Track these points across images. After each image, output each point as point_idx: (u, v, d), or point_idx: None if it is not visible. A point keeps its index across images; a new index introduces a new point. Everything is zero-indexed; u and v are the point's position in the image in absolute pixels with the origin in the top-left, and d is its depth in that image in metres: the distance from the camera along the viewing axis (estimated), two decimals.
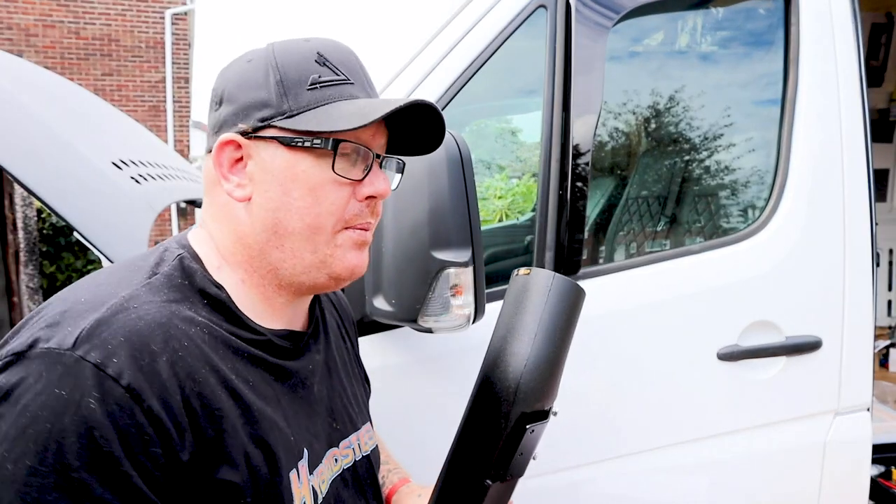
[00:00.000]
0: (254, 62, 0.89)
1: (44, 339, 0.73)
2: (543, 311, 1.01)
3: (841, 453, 1.85)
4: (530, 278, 1.02)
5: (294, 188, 0.87)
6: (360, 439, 1.08)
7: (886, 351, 3.87)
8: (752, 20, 1.98)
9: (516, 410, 0.99)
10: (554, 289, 1.01)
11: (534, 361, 0.99)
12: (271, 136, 0.87)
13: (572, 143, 1.65)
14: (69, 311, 0.76)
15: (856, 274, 1.82)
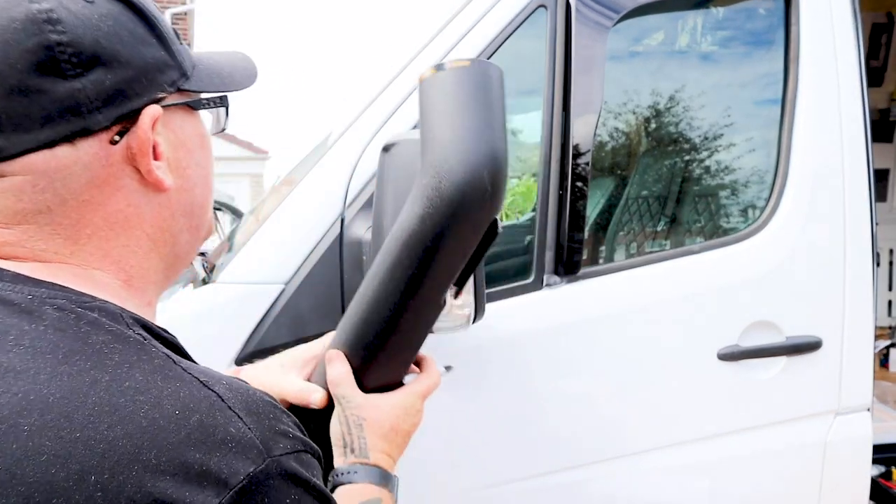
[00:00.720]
0: (98, 4, 0.65)
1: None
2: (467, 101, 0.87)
3: (841, 453, 1.85)
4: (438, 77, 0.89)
5: (203, 156, 0.76)
6: None
7: (887, 351, 3.87)
8: (752, 20, 1.98)
9: (493, 207, 0.87)
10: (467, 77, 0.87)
11: (489, 148, 0.85)
12: (181, 103, 0.73)
13: (572, 143, 1.65)
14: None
15: (856, 274, 1.82)
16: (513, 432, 1.65)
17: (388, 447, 0.93)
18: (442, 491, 1.64)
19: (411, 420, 0.96)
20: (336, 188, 1.55)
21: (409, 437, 0.97)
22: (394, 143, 1.39)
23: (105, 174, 0.66)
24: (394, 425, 0.94)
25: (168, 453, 0.53)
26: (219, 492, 0.53)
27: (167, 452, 0.53)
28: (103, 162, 0.66)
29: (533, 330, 1.65)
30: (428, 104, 0.90)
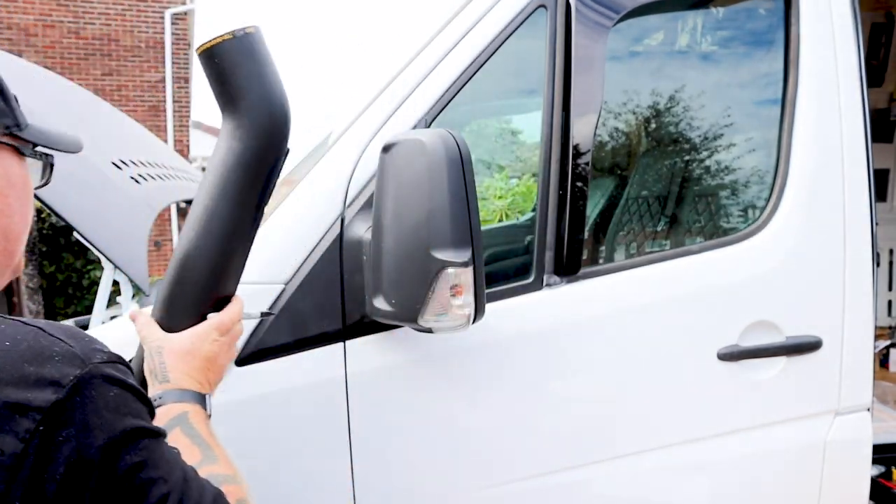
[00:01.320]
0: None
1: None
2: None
3: (841, 453, 1.85)
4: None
5: (24, 195, 0.88)
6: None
7: (887, 351, 3.87)
8: (752, 20, 1.98)
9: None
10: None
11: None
12: (10, 143, 0.86)
13: (572, 143, 1.65)
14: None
15: (856, 274, 1.82)
16: (513, 432, 1.65)
17: (188, 368, 1.09)
18: (442, 491, 1.64)
19: (208, 346, 1.11)
20: (336, 188, 1.56)
21: (212, 363, 1.12)
22: (394, 143, 1.39)
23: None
24: (190, 349, 1.10)
25: (9, 371, 0.70)
26: (55, 390, 0.71)
27: (8, 370, 0.70)
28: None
29: (533, 330, 1.65)
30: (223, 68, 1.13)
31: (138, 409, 0.79)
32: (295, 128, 1.32)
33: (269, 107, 1.14)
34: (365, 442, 1.56)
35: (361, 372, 1.54)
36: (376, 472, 1.58)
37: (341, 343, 1.53)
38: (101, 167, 1.96)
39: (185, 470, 0.83)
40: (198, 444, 1.02)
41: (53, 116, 2.06)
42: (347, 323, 1.53)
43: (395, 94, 1.61)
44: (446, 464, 1.63)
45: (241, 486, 0.99)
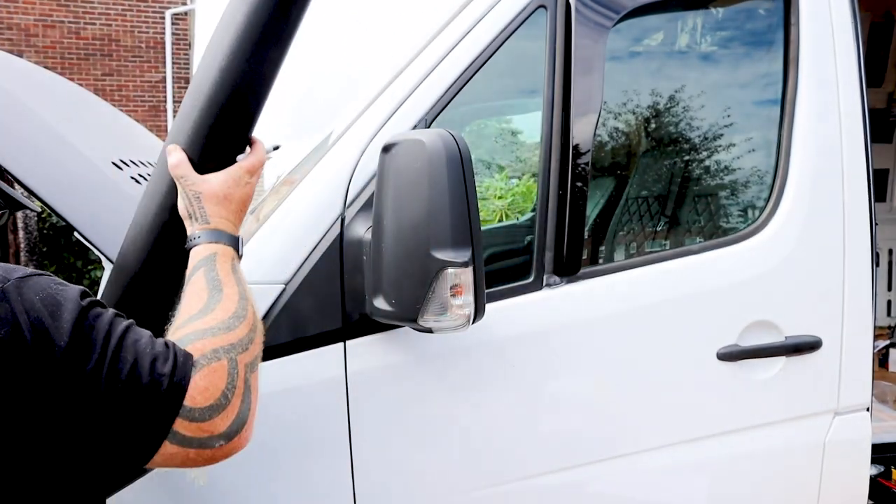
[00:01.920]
0: None
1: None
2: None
3: (840, 453, 1.85)
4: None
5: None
6: None
7: (886, 351, 3.87)
8: (751, 20, 1.98)
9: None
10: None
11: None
12: None
13: (572, 143, 1.65)
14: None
15: (856, 274, 1.83)
16: (513, 432, 1.66)
17: (225, 213, 1.13)
18: (442, 491, 1.64)
19: (241, 190, 1.16)
20: (336, 188, 1.56)
21: (243, 205, 1.17)
22: (394, 143, 1.39)
23: None
24: (227, 194, 1.14)
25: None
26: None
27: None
28: None
29: (533, 330, 1.65)
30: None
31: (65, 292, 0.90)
32: (295, 127, 1.32)
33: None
34: (365, 442, 1.56)
35: (361, 372, 1.54)
36: (376, 471, 1.58)
37: (341, 343, 1.53)
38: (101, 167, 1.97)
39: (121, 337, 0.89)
40: (210, 288, 1.04)
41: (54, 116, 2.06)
42: (347, 323, 1.53)
43: (396, 94, 1.61)
44: (446, 464, 1.63)
45: (223, 336, 0.98)
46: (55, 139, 1.94)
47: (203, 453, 0.92)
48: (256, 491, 1.54)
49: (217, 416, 0.91)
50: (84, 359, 0.86)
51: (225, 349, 0.96)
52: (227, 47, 1.13)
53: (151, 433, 0.88)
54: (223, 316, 1.00)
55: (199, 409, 0.90)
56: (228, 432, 0.93)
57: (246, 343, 1.00)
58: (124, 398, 0.86)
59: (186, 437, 0.89)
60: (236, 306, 1.03)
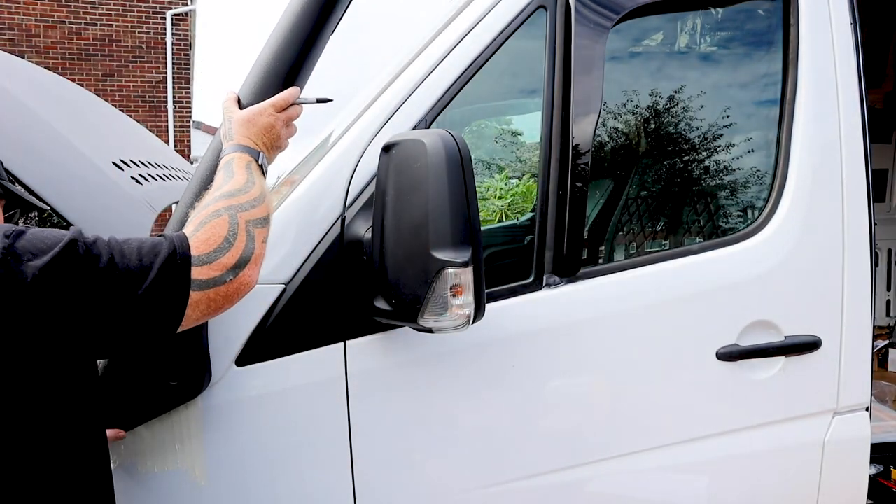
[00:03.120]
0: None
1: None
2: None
3: (840, 453, 1.85)
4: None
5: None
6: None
7: (885, 351, 3.87)
8: (751, 21, 1.99)
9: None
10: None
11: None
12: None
13: (572, 143, 1.65)
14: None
15: (855, 274, 1.83)
16: (513, 432, 1.66)
17: (246, 132, 1.41)
18: (442, 491, 1.64)
19: (263, 118, 1.43)
20: (336, 188, 1.56)
21: (268, 130, 1.44)
22: (394, 143, 1.40)
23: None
24: (250, 118, 1.43)
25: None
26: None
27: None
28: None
29: (533, 330, 1.66)
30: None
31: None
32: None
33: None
34: (365, 441, 1.56)
35: (361, 372, 1.55)
36: (377, 471, 1.59)
37: (341, 343, 1.53)
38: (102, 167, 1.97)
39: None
40: (226, 173, 1.32)
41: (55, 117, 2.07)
42: (347, 323, 1.53)
43: (396, 95, 1.62)
44: (447, 463, 1.63)
45: (224, 201, 1.23)
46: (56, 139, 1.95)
47: (220, 290, 1.15)
48: (257, 491, 1.54)
49: (223, 255, 1.16)
50: (91, 262, 1.07)
51: (225, 208, 1.22)
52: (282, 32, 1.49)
53: (178, 288, 1.11)
54: (231, 187, 1.27)
55: (205, 254, 1.14)
56: (235, 266, 1.17)
57: (248, 206, 1.24)
58: (140, 274, 1.08)
59: (203, 280, 1.13)
60: (244, 181, 1.29)
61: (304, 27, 1.48)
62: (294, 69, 1.50)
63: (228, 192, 1.25)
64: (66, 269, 1.04)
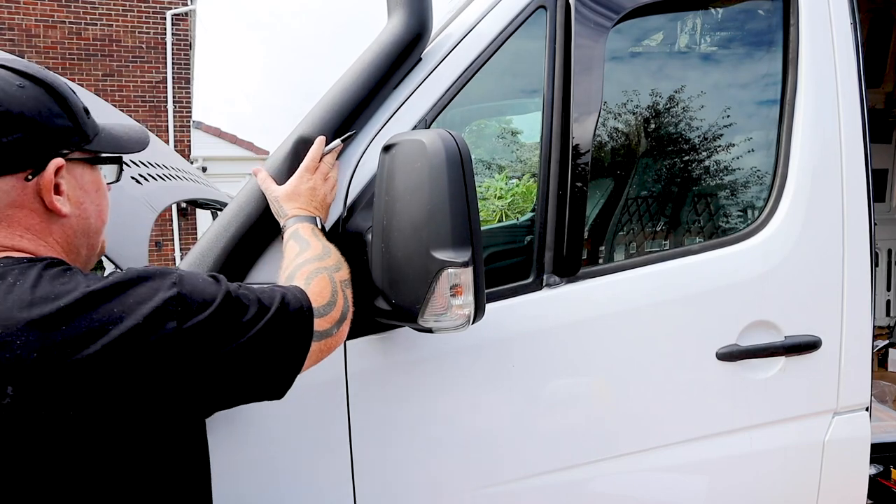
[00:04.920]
0: (28, 88, 1.03)
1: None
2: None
3: (840, 453, 1.85)
4: None
5: (98, 197, 1.15)
6: None
7: (885, 350, 3.88)
8: (751, 21, 1.99)
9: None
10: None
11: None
12: (80, 158, 1.11)
13: (572, 143, 1.65)
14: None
15: (855, 274, 1.83)
16: (513, 432, 1.66)
17: (296, 205, 1.47)
18: (442, 491, 1.64)
19: (305, 185, 1.49)
20: (336, 188, 1.56)
21: (311, 194, 1.49)
22: (394, 143, 1.39)
23: (21, 200, 1.03)
24: (293, 192, 1.48)
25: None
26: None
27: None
28: (19, 191, 1.03)
29: (533, 330, 1.66)
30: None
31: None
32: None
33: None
34: (365, 442, 1.56)
35: (362, 372, 1.55)
36: (376, 471, 1.59)
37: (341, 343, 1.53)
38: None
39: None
40: (298, 243, 1.38)
41: None
42: None
43: (396, 95, 1.62)
44: (447, 463, 1.63)
45: (318, 262, 1.30)
46: None
47: (327, 342, 1.21)
48: (257, 491, 1.54)
49: (332, 309, 1.23)
50: (241, 313, 1.07)
51: (320, 269, 1.29)
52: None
53: (303, 339, 1.15)
54: (313, 253, 1.34)
55: (321, 306, 1.21)
56: (339, 320, 1.24)
57: (333, 268, 1.32)
58: (280, 324, 1.10)
59: (318, 331, 1.18)
60: (321, 248, 1.37)
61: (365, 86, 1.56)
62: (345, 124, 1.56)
63: (315, 257, 1.32)
64: (222, 321, 1.03)
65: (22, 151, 1.01)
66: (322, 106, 1.54)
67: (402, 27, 1.55)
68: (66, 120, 1.07)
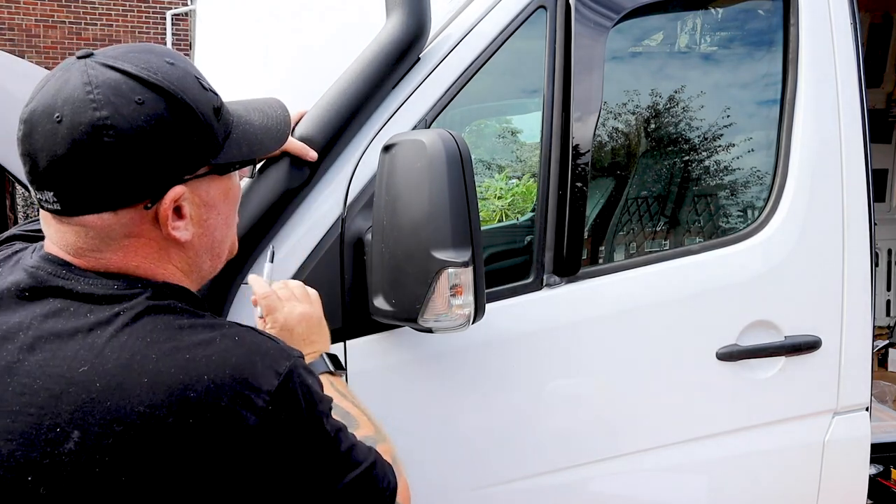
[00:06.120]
0: (147, 104, 0.88)
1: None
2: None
3: (840, 453, 1.85)
4: None
5: (226, 205, 1.02)
6: None
7: (885, 350, 3.88)
8: (751, 20, 1.99)
9: None
10: None
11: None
12: (208, 173, 0.97)
13: (572, 143, 1.65)
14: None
15: (855, 274, 1.83)
16: (513, 432, 1.66)
17: (303, 345, 1.21)
18: (442, 491, 1.64)
19: (290, 317, 1.23)
20: (336, 188, 1.56)
21: (291, 331, 1.22)
22: (394, 143, 1.40)
23: (138, 230, 0.93)
24: (284, 326, 1.22)
25: (244, 362, 0.92)
26: (276, 376, 0.93)
27: (243, 362, 0.92)
28: (137, 222, 0.92)
29: (533, 330, 1.66)
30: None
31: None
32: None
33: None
34: None
35: (362, 372, 1.55)
36: None
37: (341, 343, 1.53)
38: None
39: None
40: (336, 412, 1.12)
41: None
42: (347, 323, 1.53)
43: (396, 94, 1.62)
44: (446, 463, 1.63)
45: (387, 444, 1.15)
46: None
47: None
48: None
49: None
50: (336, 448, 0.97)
51: (395, 457, 1.14)
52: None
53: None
54: (370, 432, 1.16)
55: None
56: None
57: (384, 439, 1.17)
58: (358, 492, 0.98)
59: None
60: (374, 425, 1.20)
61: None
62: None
63: (378, 436, 1.17)
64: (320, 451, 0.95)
65: (139, 183, 0.90)
66: (321, 106, 1.53)
67: (400, 27, 1.54)
68: (191, 135, 0.92)
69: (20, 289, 0.92)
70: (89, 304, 0.90)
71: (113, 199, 0.90)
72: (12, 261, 1.01)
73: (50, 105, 0.87)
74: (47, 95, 0.88)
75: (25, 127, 0.89)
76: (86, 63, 0.89)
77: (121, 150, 0.87)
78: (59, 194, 0.89)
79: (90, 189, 0.88)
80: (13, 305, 0.92)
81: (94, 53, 0.91)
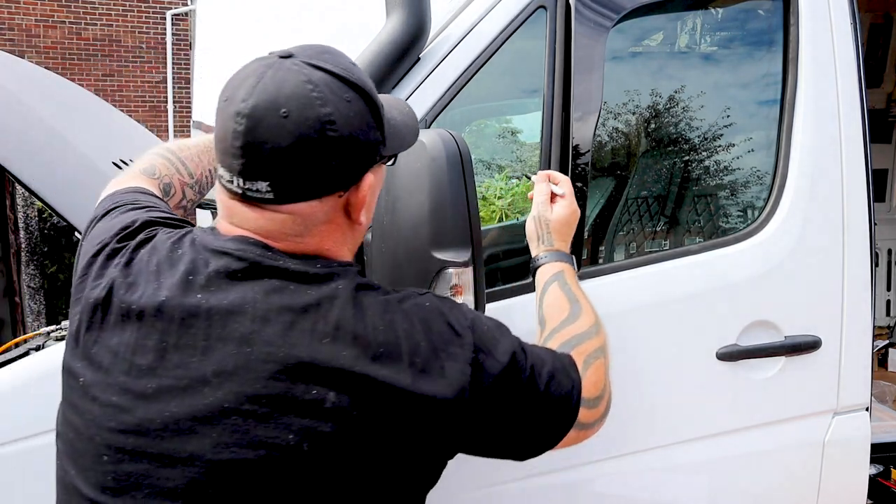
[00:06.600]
0: (353, 102, 0.97)
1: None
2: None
3: (840, 453, 1.85)
4: None
5: (378, 193, 1.12)
6: None
7: (885, 351, 3.87)
8: (751, 20, 1.99)
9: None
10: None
11: None
12: (380, 161, 1.06)
13: (572, 143, 1.65)
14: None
15: (855, 274, 1.83)
16: None
17: (564, 237, 1.44)
18: (442, 491, 1.64)
19: (573, 217, 1.45)
20: None
21: (571, 227, 1.45)
22: None
23: (332, 216, 1.01)
24: (567, 222, 1.45)
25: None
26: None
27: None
28: (334, 209, 1.01)
29: (532, 329, 1.65)
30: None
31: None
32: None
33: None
34: None
35: None
36: None
37: None
38: (102, 167, 1.97)
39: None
40: (569, 298, 1.31)
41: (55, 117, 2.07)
42: None
43: (398, 94, 1.62)
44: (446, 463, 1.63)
45: (594, 339, 1.23)
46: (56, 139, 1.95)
47: (580, 434, 1.14)
48: None
49: (600, 403, 1.18)
50: (520, 373, 1.05)
51: (597, 350, 1.22)
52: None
53: (564, 425, 1.10)
54: (588, 323, 1.26)
55: (591, 399, 1.14)
56: (603, 415, 1.20)
57: (605, 348, 1.25)
58: (549, 401, 1.07)
59: (581, 422, 1.12)
60: (594, 317, 1.29)
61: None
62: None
63: (592, 330, 1.26)
64: (511, 381, 1.03)
65: (345, 172, 0.99)
66: None
67: (400, 27, 1.54)
68: (378, 131, 1.02)
69: (231, 270, 0.97)
70: (306, 284, 0.97)
71: (323, 188, 0.98)
72: (184, 243, 1.04)
73: (273, 101, 0.92)
74: (266, 92, 0.93)
75: (248, 122, 0.93)
76: (294, 62, 0.96)
77: (339, 143, 0.95)
78: (274, 184, 0.95)
79: (307, 179, 0.96)
80: (224, 285, 0.97)
81: (294, 54, 0.98)
